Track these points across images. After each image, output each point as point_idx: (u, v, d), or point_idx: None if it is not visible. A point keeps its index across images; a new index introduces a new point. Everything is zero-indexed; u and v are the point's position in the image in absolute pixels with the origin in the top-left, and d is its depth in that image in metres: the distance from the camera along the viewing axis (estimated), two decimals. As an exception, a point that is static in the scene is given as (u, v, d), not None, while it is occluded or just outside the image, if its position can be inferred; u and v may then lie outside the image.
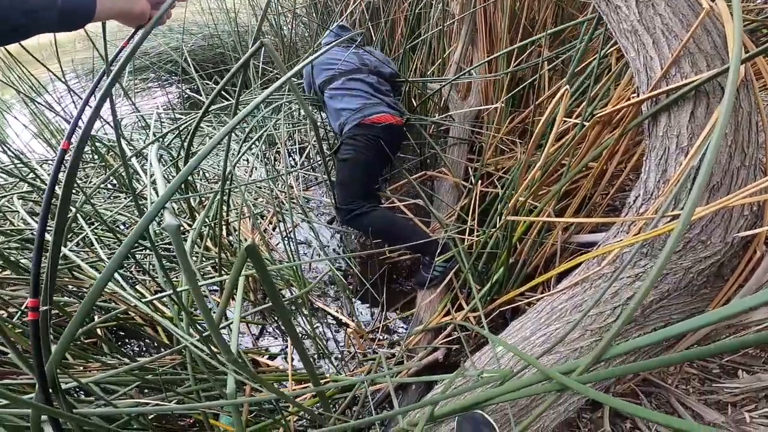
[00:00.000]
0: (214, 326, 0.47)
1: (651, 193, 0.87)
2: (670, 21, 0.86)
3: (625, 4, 0.95)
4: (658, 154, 0.85)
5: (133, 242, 0.46)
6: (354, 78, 1.95)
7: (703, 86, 0.79)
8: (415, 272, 1.84)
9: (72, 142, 0.60)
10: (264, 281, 0.45)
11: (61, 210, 0.52)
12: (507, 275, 1.40)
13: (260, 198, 2.28)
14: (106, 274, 0.46)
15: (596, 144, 1.16)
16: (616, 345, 0.46)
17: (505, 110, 2.12)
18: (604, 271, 0.95)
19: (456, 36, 2.48)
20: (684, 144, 0.81)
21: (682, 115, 0.81)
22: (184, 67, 3.89)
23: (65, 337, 0.50)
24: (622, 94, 1.14)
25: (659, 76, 0.83)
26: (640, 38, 0.89)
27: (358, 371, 1.46)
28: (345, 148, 1.84)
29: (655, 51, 0.86)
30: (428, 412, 0.81)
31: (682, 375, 1.29)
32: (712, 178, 0.78)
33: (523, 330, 1.03)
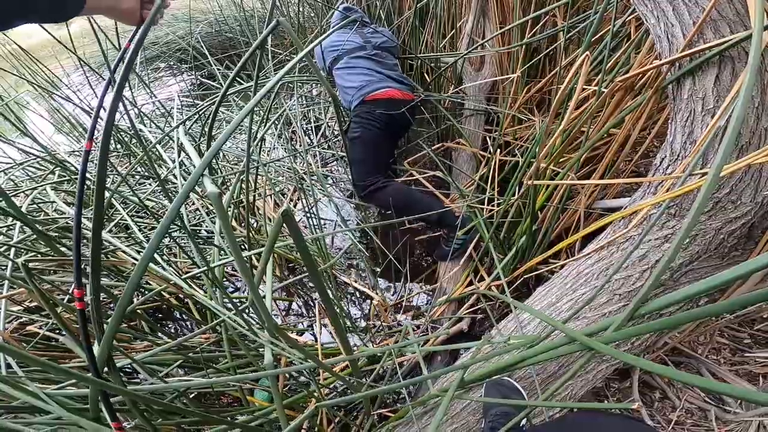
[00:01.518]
0: (255, 291, 0.49)
1: (677, 155, 0.86)
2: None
3: (644, -30, 0.92)
4: (683, 116, 0.85)
5: (173, 217, 0.47)
6: (357, 56, 1.98)
7: (728, 51, 0.77)
8: (435, 245, 1.87)
9: (94, 141, 0.62)
10: (298, 246, 0.46)
11: (98, 200, 0.54)
12: (530, 242, 1.40)
13: (280, 177, 2.32)
14: (148, 253, 0.48)
15: (618, 110, 1.15)
16: (644, 305, 0.47)
17: (522, 80, 2.09)
18: (631, 234, 0.95)
19: (466, 7, 2.43)
20: (710, 106, 0.80)
21: (707, 78, 0.80)
22: (196, 54, 3.91)
23: (115, 317, 0.53)
24: (643, 61, 1.12)
25: (682, 43, 0.82)
26: (659, 5, 0.87)
27: (384, 342, 1.51)
28: (353, 127, 1.87)
29: (676, 18, 0.84)
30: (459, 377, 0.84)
31: (712, 345, 1.29)
32: (741, 138, 0.78)
33: (549, 296, 1.05)
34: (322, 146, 2.60)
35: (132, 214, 1.76)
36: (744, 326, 1.33)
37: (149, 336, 1.25)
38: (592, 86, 1.20)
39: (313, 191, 1.68)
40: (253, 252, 1.13)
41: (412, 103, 1.94)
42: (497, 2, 2.26)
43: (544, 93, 2.08)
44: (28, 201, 1.41)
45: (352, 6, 2.26)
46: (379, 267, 1.86)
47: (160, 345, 1.11)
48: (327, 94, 2.66)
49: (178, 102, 2.70)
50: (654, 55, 1.06)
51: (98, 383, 0.56)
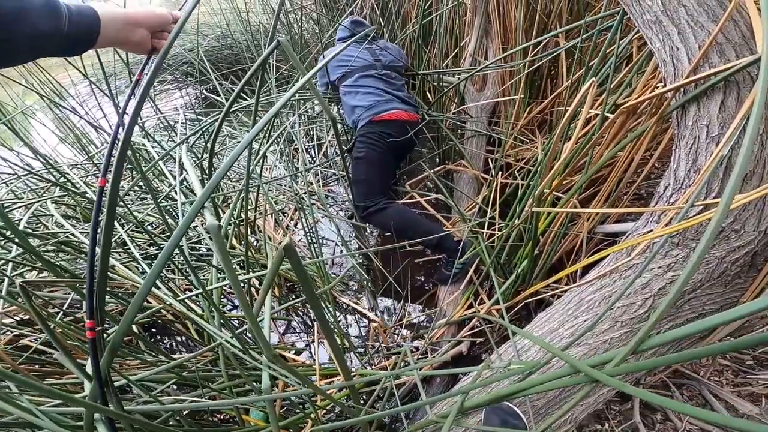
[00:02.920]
0: (255, 323, 0.49)
1: (681, 183, 0.86)
2: (695, 12, 0.85)
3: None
4: (687, 143, 0.84)
5: (175, 245, 0.47)
6: (366, 75, 1.97)
7: (733, 77, 0.77)
8: (435, 269, 1.85)
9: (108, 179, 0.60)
10: (301, 280, 0.46)
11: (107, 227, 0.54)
12: (531, 267, 1.40)
13: (281, 195, 2.31)
14: (151, 278, 0.48)
15: (620, 134, 1.15)
16: (649, 338, 0.47)
17: (523, 101, 2.10)
18: (634, 262, 0.94)
19: (469, 27, 2.46)
20: (715, 133, 0.80)
21: (712, 105, 0.80)
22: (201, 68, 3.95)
23: (115, 341, 0.52)
24: (647, 82, 1.13)
25: (687, 68, 0.82)
26: (664, 29, 0.88)
27: (382, 365, 1.49)
28: (359, 146, 1.86)
29: (681, 42, 0.84)
30: (458, 403, 0.83)
31: (715, 367, 1.28)
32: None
33: (550, 321, 1.03)
34: (323, 165, 2.61)
35: (131, 230, 1.75)
36: (746, 349, 1.32)
37: (144, 353, 1.23)
38: (596, 108, 1.21)
39: (313, 211, 1.68)
40: (253, 275, 1.12)
41: (418, 126, 1.95)
42: (499, 22, 2.29)
43: (545, 114, 2.09)
44: (28, 214, 1.40)
45: (360, 20, 2.25)
46: (379, 288, 1.85)
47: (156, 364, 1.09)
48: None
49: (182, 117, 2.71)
50: (658, 78, 1.06)
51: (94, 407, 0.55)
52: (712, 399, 1.18)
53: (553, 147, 1.15)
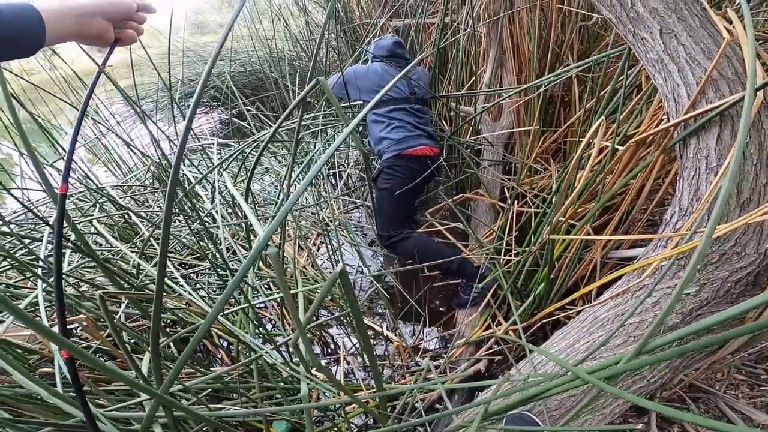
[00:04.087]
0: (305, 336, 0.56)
1: (686, 210, 0.94)
2: (692, 50, 0.94)
3: (650, 35, 1.03)
4: (689, 174, 0.92)
5: (241, 277, 0.52)
6: (400, 108, 2.00)
7: (727, 111, 0.86)
8: (453, 293, 1.92)
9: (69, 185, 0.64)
10: (351, 305, 0.51)
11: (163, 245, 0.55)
12: (547, 290, 1.46)
13: (304, 221, 2.41)
14: (217, 309, 0.51)
15: (631, 164, 1.23)
16: (653, 340, 0.53)
17: (538, 130, 2.19)
18: (644, 283, 1.01)
19: (484, 57, 2.58)
20: (713, 164, 0.88)
21: (710, 138, 0.88)
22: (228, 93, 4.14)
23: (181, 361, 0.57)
24: (655, 112, 1.21)
25: (687, 103, 0.90)
26: (666, 67, 0.97)
27: (404, 381, 1.55)
28: (384, 177, 1.94)
29: (681, 79, 0.93)
30: (483, 409, 0.89)
31: (730, 381, 1.32)
32: (742, 195, 0.84)
33: (566, 338, 1.10)
34: (344, 193, 2.71)
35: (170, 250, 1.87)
36: (761, 362, 1.36)
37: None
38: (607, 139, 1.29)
39: (338, 237, 1.78)
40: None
41: (440, 159, 2.02)
42: (514, 53, 2.40)
43: (559, 143, 2.17)
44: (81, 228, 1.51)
45: (401, 41, 2.22)
46: (399, 311, 1.92)
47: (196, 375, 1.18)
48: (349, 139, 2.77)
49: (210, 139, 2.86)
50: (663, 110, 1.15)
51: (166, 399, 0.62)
52: (728, 411, 1.22)
53: (568, 177, 1.23)
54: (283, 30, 4.34)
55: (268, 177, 2.82)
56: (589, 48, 2.29)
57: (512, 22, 2.39)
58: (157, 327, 0.65)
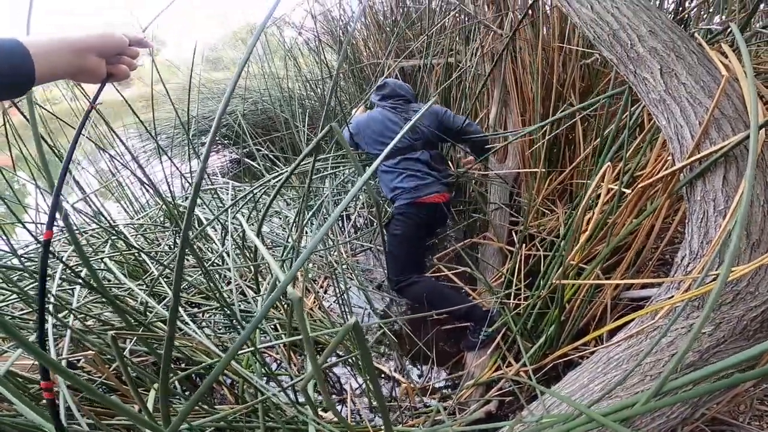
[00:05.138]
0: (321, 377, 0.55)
1: (696, 253, 0.93)
2: (693, 89, 0.97)
3: (651, 75, 1.06)
4: (698, 217, 0.93)
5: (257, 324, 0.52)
6: (409, 158, 2.01)
7: (732, 151, 0.87)
8: (462, 335, 1.90)
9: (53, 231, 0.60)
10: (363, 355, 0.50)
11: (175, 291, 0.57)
12: (558, 331, 1.45)
13: (311, 263, 2.41)
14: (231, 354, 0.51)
15: (639, 206, 1.24)
16: (671, 381, 0.52)
17: (544, 174, 2.21)
18: (658, 324, 1.00)
19: (489, 98, 2.65)
20: (721, 207, 0.88)
21: (716, 180, 0.89)
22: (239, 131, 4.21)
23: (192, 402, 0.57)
24: (660, 152, 1.23)
25: (691, 144, 0.92)
26: (668, 107, 0.99)
27: (412, 423, 1.51)
28: (396, 224, 1.95)
29: (684, 119, 0.95)
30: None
31: (753, 412, 1.29)
32: (751, 236, 0.84)
33: (580, 379, 1.08)
34: (352, 236, 2.72)
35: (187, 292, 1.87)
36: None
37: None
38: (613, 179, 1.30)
39: (345, 279, 1.79)
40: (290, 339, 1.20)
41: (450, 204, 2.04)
42: (518, 93, 2.47)
43: (566, 184, 2.19)
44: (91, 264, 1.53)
45: (397, 81, 2.24)
46: (408, 352, 1.90)
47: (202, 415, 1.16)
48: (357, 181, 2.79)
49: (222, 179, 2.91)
50: (668, 151, 1.16)
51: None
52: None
53: (576, 222, 1.24)
54: (294, 69, 4.48)
55: (276, 219, 2.84)
56: (591, 85, 2.34)
57: (515, 62, 2.47)
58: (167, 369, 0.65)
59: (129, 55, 0.68)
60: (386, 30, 3.94)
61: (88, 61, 0.61)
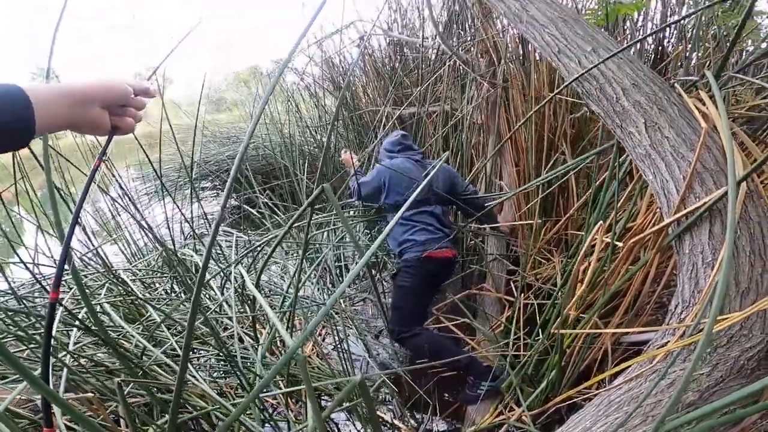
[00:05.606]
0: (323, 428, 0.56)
1: (688, 302, 0.98)
2: (676, 143, 1.04)
3: (637, 129, 1.14)
4: (688, 269, 0.98)
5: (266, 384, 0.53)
6: (422, 211, 2.05)
7: (715, 205, 0.93)
8: (462, 383, 1.88)
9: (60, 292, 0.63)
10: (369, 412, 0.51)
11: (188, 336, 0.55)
12: (559, 376, 1.46)
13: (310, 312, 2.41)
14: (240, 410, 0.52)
15: (632, 257, 1.29)
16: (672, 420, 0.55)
17: (540, 225, 2.27)
18: (657, 368, 1.02)
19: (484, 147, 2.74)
20: (709, 259, 0.94)
21: (702, 234, 0.95)
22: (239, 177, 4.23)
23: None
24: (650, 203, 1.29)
25: (677, 199, 0.99)
26: (654, 162, 1.06)
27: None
28: (403, 276, 1.97)
29: (669, 174, 1.02)
30: None
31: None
32: (740, 285, 0.89)
33: (582, 422, 1.08)
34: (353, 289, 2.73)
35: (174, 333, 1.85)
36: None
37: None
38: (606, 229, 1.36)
39: (344, 328, 1.81)
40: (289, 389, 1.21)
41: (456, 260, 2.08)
42: (512, 144, 2.57)
43: (561, 234, 2.25)
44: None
45: (406, 133, 2.30)
46: (407, 400, 1.89)
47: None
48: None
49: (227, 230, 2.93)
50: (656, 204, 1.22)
51: None
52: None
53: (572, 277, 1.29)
54: (294, 115, 4.58)
55: (274, 267, 2.84)
56: (581, 132, 2.45)
57: (508, 111, 2.59)
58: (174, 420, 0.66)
59: (134, 106, 0.65)
60: (384, 77, 4.10)
61: (90, 112, 0.58)
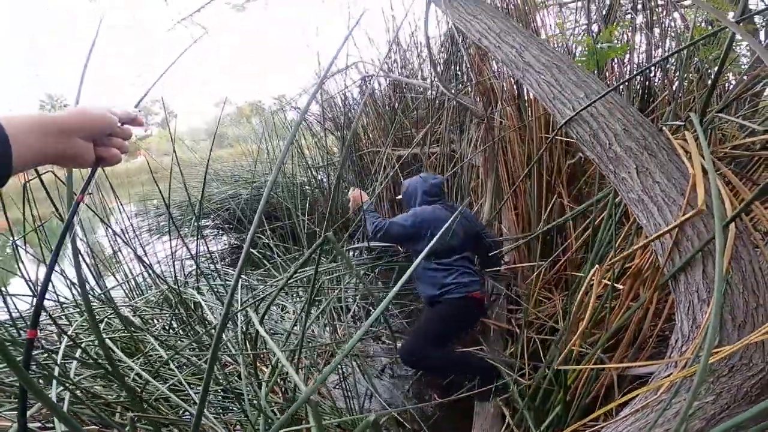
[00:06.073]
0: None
1: (687, 336, 1.02)
2: (666, 188, 1.10)
3: (629, 175, 1.21)
4: (685, 306, 1.03)
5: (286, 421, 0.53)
6: (464, 256, 2.12)
7: (707, 246, 0.98)
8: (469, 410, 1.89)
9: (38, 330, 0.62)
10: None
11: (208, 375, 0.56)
12: (565, 410, 1.46)
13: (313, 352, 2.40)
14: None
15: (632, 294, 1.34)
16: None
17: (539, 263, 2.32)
18: (662, 398, 1.04)
19: (483, 190, 2.82)
20: (704, 296, 0.99)
21: (696, 273, 1.00)
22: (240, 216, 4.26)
23: None
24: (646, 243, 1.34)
25: (670, 242, 1.05)
26: (646, 206, 1.13)
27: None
28: (442, 308, 2.02)
29: (661, 218, 1.09)
30: None
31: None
32: (736, 319, 0.94)
33: (592, 454, 1.09)
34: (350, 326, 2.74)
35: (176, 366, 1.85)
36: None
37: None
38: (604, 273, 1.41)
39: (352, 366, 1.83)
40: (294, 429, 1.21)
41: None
42: (509, 185, 2.64)
43: (561, 273, 2.30)
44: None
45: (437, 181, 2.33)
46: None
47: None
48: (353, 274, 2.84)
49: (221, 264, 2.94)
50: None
51: None
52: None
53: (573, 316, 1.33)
54: (297, 154, 4.67)
55: (274, 308, 2.84)
56: (576, 172, 2.53)
57: (505, 153, 2.68)
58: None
59: (120, 136, 0.59)
60: (385, 118, 4.21)
61: (71, 144, 0.53)
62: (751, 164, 1.50)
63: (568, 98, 1.44)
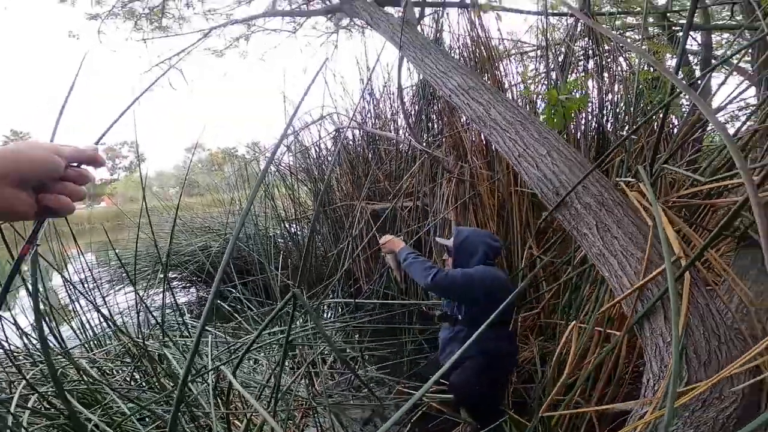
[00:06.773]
0: None
1: (658, 375, 1.08)
2: (624, 242, 1.20)
3: (590, 231, 1.30)
4: (652, 348, 1.10)
5: None
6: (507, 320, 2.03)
7: (665, 295, 1.06)
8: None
9: None
10: None
11: None
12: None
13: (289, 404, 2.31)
14: None
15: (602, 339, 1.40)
16: None
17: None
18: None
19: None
20: (668, 339, 1.06)
21: (659, 319, 1.09)
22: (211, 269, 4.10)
23: None
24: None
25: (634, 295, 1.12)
26: (607, 260, 1.22)
27: None
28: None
29: (621, 271, 1.18)
30: None
31: None
32: (701, 357, 1.00)
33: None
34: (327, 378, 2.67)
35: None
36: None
37: None
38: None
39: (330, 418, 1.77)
40: None
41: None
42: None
43: (537, 320, 2.38)
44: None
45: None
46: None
47: None
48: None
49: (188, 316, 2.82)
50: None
51: None
52: None
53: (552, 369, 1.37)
54: (270, 206, 4.61)
55: (247, 361, 2.73)
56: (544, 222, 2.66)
57: (476, 207, 2.80)
58: None
59: (73, 180, 0.47)
60: (358, 170, 4.22)
61: (16, 204, 0.43)
62: (700, 210, 1.63)
63: (532, 156, 1.52)
